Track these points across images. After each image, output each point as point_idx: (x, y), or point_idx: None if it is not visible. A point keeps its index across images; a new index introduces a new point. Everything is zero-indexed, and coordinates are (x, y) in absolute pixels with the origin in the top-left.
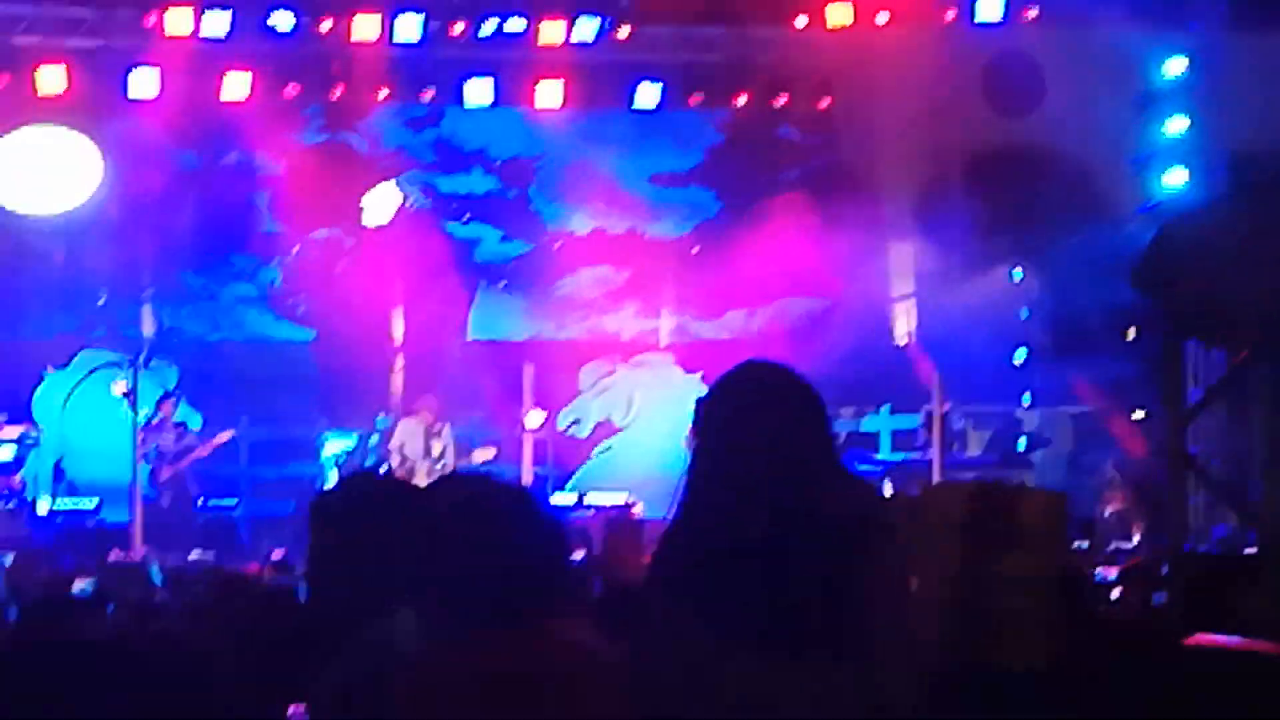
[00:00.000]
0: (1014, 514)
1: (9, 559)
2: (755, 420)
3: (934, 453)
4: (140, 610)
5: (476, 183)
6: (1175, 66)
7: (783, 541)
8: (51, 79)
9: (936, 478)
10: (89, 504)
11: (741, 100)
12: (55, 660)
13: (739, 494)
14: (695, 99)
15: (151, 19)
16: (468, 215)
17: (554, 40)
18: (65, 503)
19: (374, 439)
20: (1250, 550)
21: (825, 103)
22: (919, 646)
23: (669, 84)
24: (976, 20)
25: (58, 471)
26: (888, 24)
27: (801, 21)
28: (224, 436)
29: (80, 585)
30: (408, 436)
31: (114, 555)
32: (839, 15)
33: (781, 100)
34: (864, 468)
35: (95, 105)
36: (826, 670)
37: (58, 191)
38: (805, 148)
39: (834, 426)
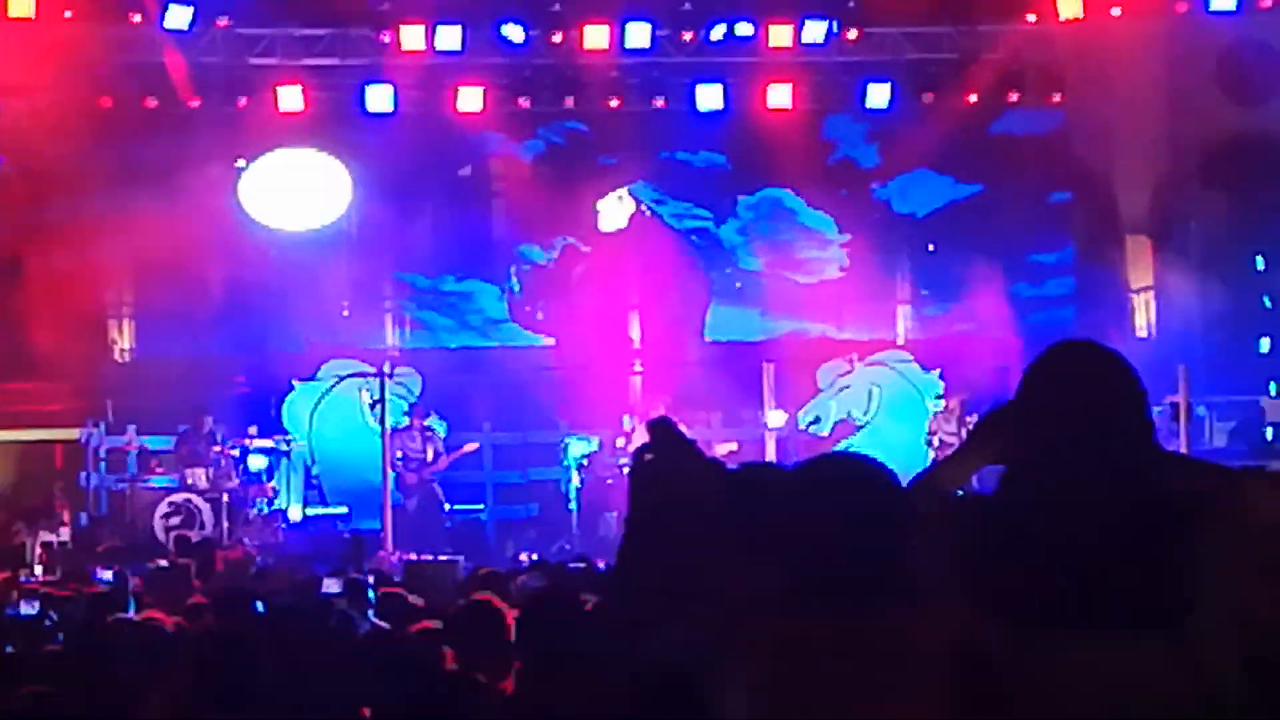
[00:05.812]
0: None
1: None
2: (1080, 401)
3: (1180, 444)
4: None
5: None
6: None
7: (1112, 521)
8: (290, 98)
9: None
10: (340, 511)
11: (972, 98)
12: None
13: (1066, 477)
14: (926, 97)
15: (386, 36)
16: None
17: (783, 44)
18: (317, 509)
19: (619, 441)
20: None
21: (1057, 98)
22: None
23: (898, 83)
24: (1211, 9)
25: (309, 479)
26: (1120, 15)
27: (1032, 17)
28: (469, 447)
29: (331, 586)
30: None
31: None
32: (1070, 8)
33: (1013, 96)
34: None
35: (332, 122)
36: (1155, 652)
37: (309, 209)
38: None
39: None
